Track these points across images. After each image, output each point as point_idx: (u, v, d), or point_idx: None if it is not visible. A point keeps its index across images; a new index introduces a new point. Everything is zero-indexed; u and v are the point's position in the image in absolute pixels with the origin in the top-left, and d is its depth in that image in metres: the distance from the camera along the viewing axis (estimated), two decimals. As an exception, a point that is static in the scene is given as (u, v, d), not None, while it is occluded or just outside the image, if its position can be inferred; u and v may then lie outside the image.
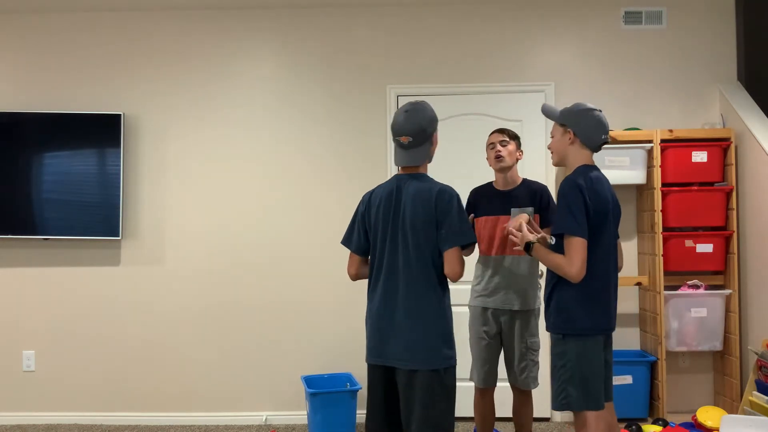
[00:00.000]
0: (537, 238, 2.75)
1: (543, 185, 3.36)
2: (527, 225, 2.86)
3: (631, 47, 4.48)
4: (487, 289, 3.32)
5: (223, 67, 4.54)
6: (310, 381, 4.23)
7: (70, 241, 4.50)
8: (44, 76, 4.56)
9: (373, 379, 2.59)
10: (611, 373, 2.73)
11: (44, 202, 4.40)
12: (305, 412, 4.37)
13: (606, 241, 2.62)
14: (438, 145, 4.36)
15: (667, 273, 4.23)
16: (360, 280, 4.31)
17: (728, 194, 4.18)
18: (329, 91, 4.52)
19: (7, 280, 4.51)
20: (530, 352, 3.28)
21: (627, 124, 4.44)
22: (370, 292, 2.61)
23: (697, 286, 4.22)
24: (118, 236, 4.41)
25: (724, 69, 4.46)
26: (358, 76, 4.52)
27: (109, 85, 4.55)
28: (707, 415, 3.77)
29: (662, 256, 4.14)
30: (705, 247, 4.17)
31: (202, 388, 4.47)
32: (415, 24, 4.52)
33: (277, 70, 4.54)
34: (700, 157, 4.18)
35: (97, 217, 4.40)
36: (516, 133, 3.37)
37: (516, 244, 2.83)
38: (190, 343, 4.47)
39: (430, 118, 2.57)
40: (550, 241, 2.69)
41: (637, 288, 4.46)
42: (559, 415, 4.29)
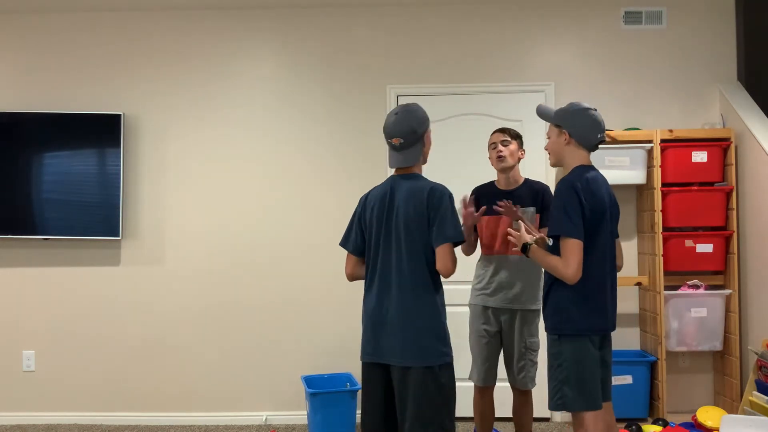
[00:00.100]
0: (534, 240, 2.75)
1: (545, 185, 3.37)
2: (526, 226, 2.86)
3: (631, 47, 4.48)
4: (489, 288, 3.32)
5: (223, 67, 4.54)
6: (310, 381, 4.23)
7: (70, 241, 4.50)
8: (44, 76, 4.56)
9: (367, 377, 2.61)
10: (610, 374, 2.73)
11: (44, 202, 4.40)
12: (305, 412, 4.38)
13: (602, 241, 2.61)
14: (438, 145, 4.41)
15: (667, 273, 4.23)
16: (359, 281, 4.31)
17: (728, 194, 4.18)
18: (329, 91, 4.52)
19: (7, 280, 4.51)
20: (529, 352, 3.28)
21: (627, 124, 4.44)
22: (366, 292, 2.64)
23: (697, 286, 4.22)
24: (118, 236, 4.41)
25: (724, 69, 4.46)
26: (358, 76, 4.52)
27: (109, 85, 4.55)
28: (707, 415, 3.77)
29: (662, 256, 4.14)
30: (705, 247, 4.17)
31: (202, 388, 4.47)
32: (415, 24, 4.52)
33: (277, 70, 4.54)
34: (700, 157, 4.18)
35: (97, 217, 4.40)
36: (518, 133, 3.37)
37: (515, 245, 2.83)
38: (190, 343, 4.47)
39: (420, 119, 2.59)
40: (549, 243, 2.69)
41: (637, 288, 4.46)
42: (559, 415, 4.29)
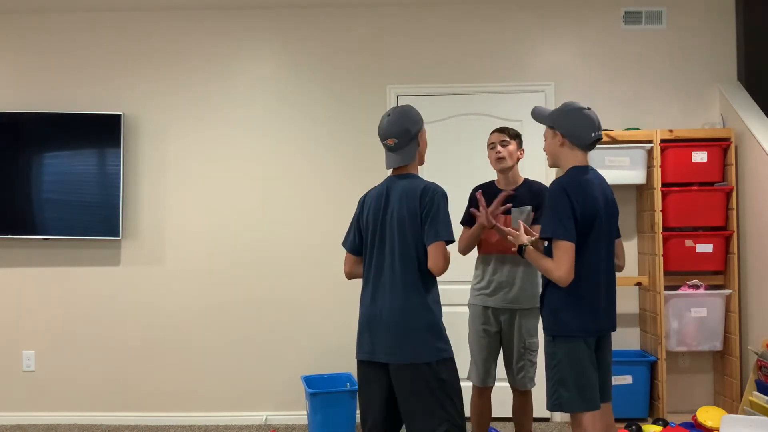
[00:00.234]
0: (531, 241, 2.75)
1: (543, 185, 3.36)
2: (525, 227, 2.86)
3: (631, 47, 4.48)
4: (488, 288, 3.31)
5: (223, 67, 4.54)
6: (310, 381, 4.23)
7: (70, 241, 4.50)
8: (44, 76, 4.56)
9: (364, 376, 2.62)
10: (610, 374, 2.72)
11: (44, 202, 4.40)
12: (305, 412, 4.37)
13: (596, 243, 2.60)
14: (438, 145, 4.41)
15: (667, 273, 4.23)
16: (358, 280, 4.31)
17: (728, 194, 4.18)
18: (329, 91, 4.52)
19: (7, 280, 4.51)
20: (528, 353, 3.28)
21: (627, 124, 4.44)
22: (362, 291, 2.66)
23: (697, 286, 4.22)
24: (118, 236, 4.41)
25: (724, 69, 4.46)
26: (358, 76, 4.52)
27: (109, 85, 4.55)
28: (707, 415, 3.77)
29: (662, 256, 4.14)
30: (705, 247, 4.17)
31: (202, 388, 4.47)
32: (415, 24, 4.52)
33: (277, 70, 4.54)
34: (700, 157, 4.18)
35: (97, 217, 4.40)
36: (517, 132, 3.36)
37: (514, 245, 2.84)
38: (189, 343, 4.47)
39: (414, 119, 2.62)
40: (544, 244, 2.69)
41: (637, 288, 4.46)
42: (559, 415, 4.29)
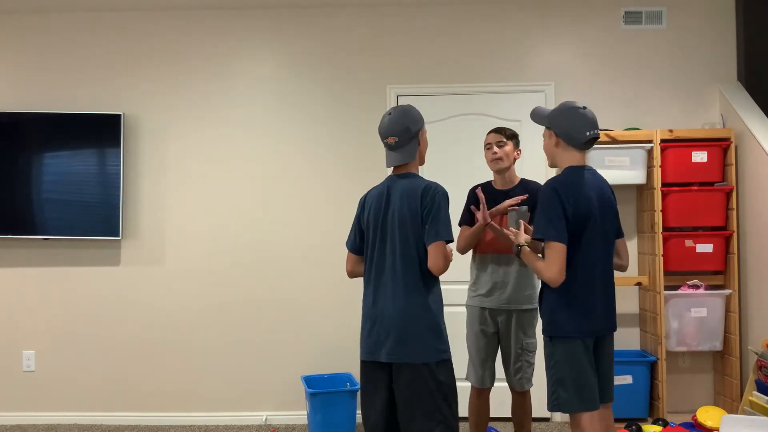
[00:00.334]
0: (528, 241, 2.74)
1: (540, 186, 3.35)
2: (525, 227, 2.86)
3: (631, 47, 4.48)
4: (484, 289, 3.31)
5: (223, 67, 4.54)
6: (310, 381, 4.23)
7: (70, 241, 4.50)
8: (44, 76, 4.56)
9: (366, 376, 2.62)
10: (611, 375, 2.70)
11: (44, 202, 4.40)
12: (305, 412, 4.37)
13: (590, 243, 2.59)
14: (438, 145, 4.41)
15: (667, 273, 4.23)
16: (358, 280, 4.31)
17: (728, 194, 4.18)
18: (329, 91, 4.52)
19: (7, 280, 4.51)
20: (525, 353, 3.27)
21: (627, 124, 4.44)
22: (364, 291, 2.67)
23: (697, 286, 4.22)
24: (118, 236, 4.41)
25: (724, 69, 4.46)
26: (358, 76, 4.52)
27: (109, 85, 4.55)
28: (707, 415, 3.77)
29: (662, 256, 4.14)
30: (705, 247, 4.17)
31: (202, 388, 4.47)
32: (415, 24, 4.52)
33: (277, 70, 4.54)
34: (700, 157, 4.18)
35: (97, 217, 4.40)
36: (514, 132, 3.35)
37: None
38: (189, 343, 4.47)
39: (414, 118, 2.63)
40: (542, 245, 2.69)
41: (637, 288, 4.46)
42: (559, 416, 4.29)
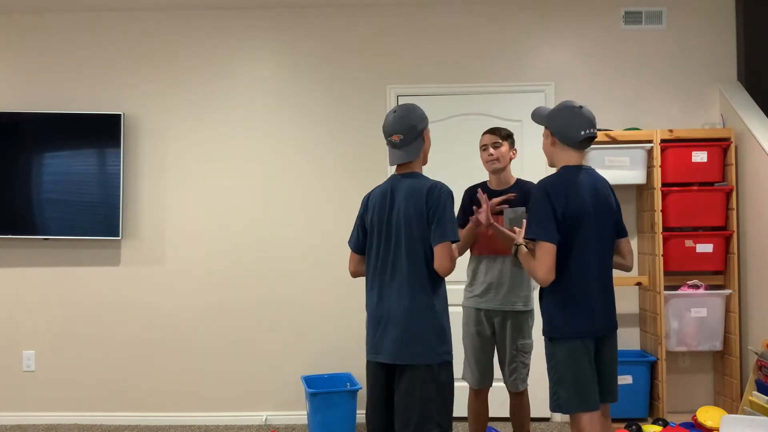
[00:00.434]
0: (525, 241, 2.75)
1: (534, 184, 3.33)
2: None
3: (631, 47, 4.48)
4: (480, 290, 3.30)
5: (223, 67, 4.54)
6: (310, 381, 4.23)
7: (70, 241, 4.50)
8: (44, 76, 4.56)
9: (371, 376, 2.62)
10: (613, 375, 2.68)
11: (44, 202, 4.40)
12: (305, 412, 4.38)
13: (584, 242, 2.58)
14: (438, 145, 4.41)
15: (667, 273, 4.23)
16: (363, 279, 4.32)
17: (728, 194, 4.18)
18: (329, 91, 4.52)
19: (7, 280, 4.51)
20: (521, 354, 3.26)
21: (627, 124, 4.44)
22: (368, 291, 2.65)
23: (697, 286, 4.22)
24: (118, 236, 4.41)
25: (724, 69, 4.46)
26: (358, 76, 4.52)
27: (109, 85, 4.55)
28: (707, 415, 3.77)
29: (662, 256, 4.14)
30: (705, 247, 4.17)
31: (202, 388, 4.47)
32: (415, 24, 4.52)
33: (277, 70, 4.54)
34: (700, 157, 4.18)
35: (97, 217, 4.40)
36: (509, 132, 3.34)
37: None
38: (189, 343, 4.47)
39: (419, 117, 2.62)
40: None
41: (637, 288, 4.46)
42: (559, 416, 4.29)
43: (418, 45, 4.51)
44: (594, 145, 4.16)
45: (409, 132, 2.58)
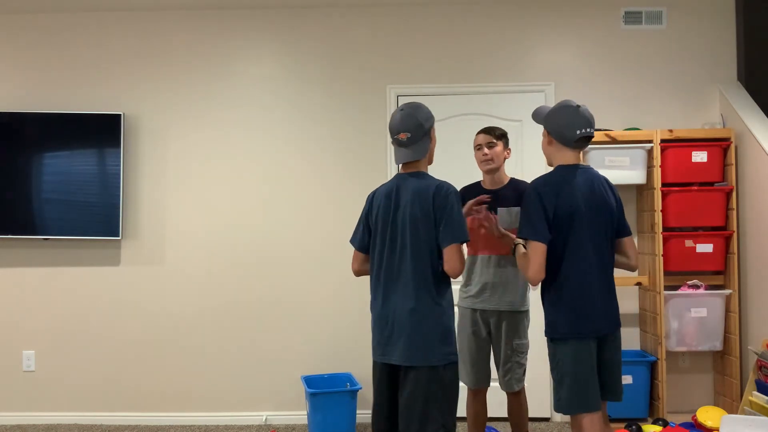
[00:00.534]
0: (522, 241, 2.75)
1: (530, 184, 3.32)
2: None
3: (631, 47, 4.48)
4: (475, 290, 3.29)
5: (223, 67, 4.54)
6: (310, 381, 4.23)
7: (70, 241, 4.50)
8: (44, 76, 4.56)
9: (377, 377, 2.62)
10: (617, 374, 2.67)
11: (44, 202, 4.40)
12: (305, 412, 4.38)
13: (579, 242, 2.58)
14: (438, 145, 4.39)
15: (667, 273, 4.23)
16: (362, 279, 4.32)
17: (728, 194, 4.18)
18: (329, 91, 4.52)
19: (7, 280, 4.51)
20: (516, 354, 3.24)
21: (627, 124, 4.44)
22: (372, 291, 2.64)
23: (697, 286, 4.22)
24: (118, 236, 4.41)
25: (724, 69, 4.46)
26: (358, 76, 4.52)
27: (109, 85, 4.55)
28: (707, 415, 3.77)
29: (662, 256, 4.14)
30: (705, 247, 4.17)
31: (202, 388, 4.47)
32: (415, 24, 4.52)
33: (277, 70, 4.54)
34: (700, 157, 4.18)
35: (97, 217, 4.40)
36: (503, 132, 3.32)
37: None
38: (189, 343, 4.47)
39: (427, 115, 2.62)
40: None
41: (637, 288, 4.46)
42: (559, 416, 4.29)
43: (418, 45, 4.51)
44: (594, 145, 4.16)
45: (416, 130, 2.57)
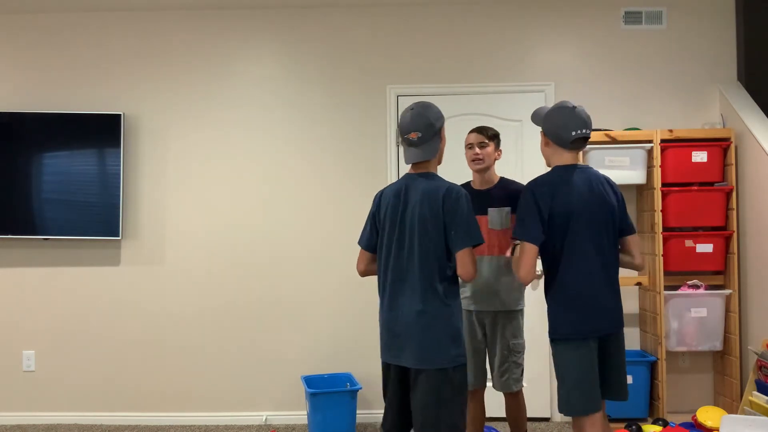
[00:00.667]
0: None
1: (521, 185, 3.29)
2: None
3: (631, 47, 4.48)
4: (471, 291, 3.27)
5: (223, 67, 4.54)
6: (310, 381, 4.23)
7: (70, 241, 4.50)
8: (44, 76, 4.56)
9: (386, 377, 2.61)
10: (621, 374, 2.67)
11: (44, 202, 4.40)
12: (305, 412, 4.38)
13: (578, 241, 2.57)
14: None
15: (667, 273, 4.23)
16: (362, 279, 4.32)
17: (728, 194, 4.18)
18: (329, 91, 4.52)
19: (7, 280, 4.51)
20: (513, 354, 3.22)
21: (627, 124, 4.44)
22: (380, 292, 2.62)
23: (697, 286, 4.22)
24: (118, 236, 4.41)
25: (724, 69, 4.46)
26: (358, 76, 4.52)
27: (109, 85, 4.55)
28: (707, 415, 3.77)
29: (662, 256, 4.14)
30: (705, 247, 4.17)
31: (202, 388, 4.47)
32: (415, 24, 4.52)
33: (277, 70, 4.54)
34: (700, 157, 4.18)
35: (97, 217, 4.40)
36: (496, 132, 3.29)
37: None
38: (189, 343, 4.47)
39: (437, 114, 2.59)
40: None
41: (637, 288, 4.46)
42: (560, 415, 4.29)
43: (418, 45, 4.51)
44: (594, 145, 4.16)
45: (427, 130, 2.55)
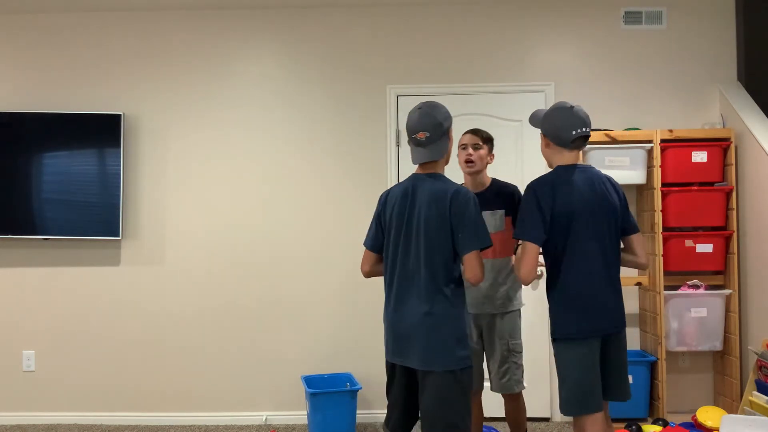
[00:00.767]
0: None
1: (514, 187, 3.28)
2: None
3: (631, 47, 4.48)
4: (467, 295, 3.25)
5: (223, 67, 4.54)
6: (310, 381, 4.23)
7: (70, 241, 4.50)
8: (44, 76, 4.56)
9: (391, 377, 2.61)
10: (623, 374, 2.67)
11: (44, 202, 4.40)
12: (305, 412, 4.38)
13: (579, 241, 2.57)
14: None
15: (667, 273, 4.23)
16: (363, 280, 4.32)
17: (728, 194, 4.18)
18: (329, 91, 4.52)
19: (7, 280, 4.51)
20: (513, 354, 3.21)
21: (627, 124, 4.44)
22: (386, 294, 2.62)
23: (697, 286, 4.22)
24: (118, 236, 4.41)
25: (724, 69, 4.46)
26: (358, 76, 4.52)
27: (109, 85, 4.55)
28: (707, 415, 3.77)
29: (662, 256, 4.14)
30: (705, 247, 4.17)
31: (202, 388, 4.47)
32: (415, 24, 4.52)
33: (277, 70, 4.54)
34: (700, 157, 4.18)
35: (97, 217, 4.40)
36: (490, 136, 3.27)
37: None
38: (189, 343, 4.47)
39: (445, 114, 2.58)
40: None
41: (637, 288, 4.46)
42: (560, 415, 4.29)
43: (418, 45, 4.51)
44: (594, 145, 4.16)
45: (434, 129, 2.52)
